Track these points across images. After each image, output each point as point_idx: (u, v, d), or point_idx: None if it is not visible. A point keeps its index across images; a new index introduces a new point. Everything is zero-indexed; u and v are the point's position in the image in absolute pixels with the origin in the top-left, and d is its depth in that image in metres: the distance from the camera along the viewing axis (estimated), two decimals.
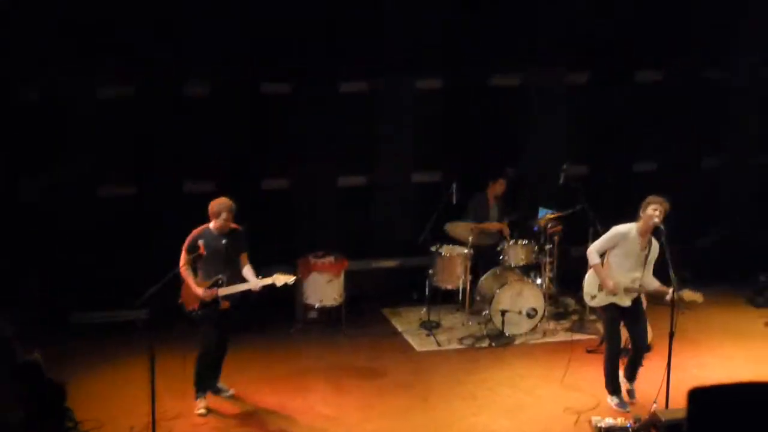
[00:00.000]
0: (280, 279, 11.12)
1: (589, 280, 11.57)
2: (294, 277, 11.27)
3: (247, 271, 11.23)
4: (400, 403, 11.75)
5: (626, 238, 11.28)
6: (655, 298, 11.61)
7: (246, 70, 14.32)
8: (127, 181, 14.32)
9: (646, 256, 11.36)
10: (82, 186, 14.06)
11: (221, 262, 11.12)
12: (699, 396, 6.86)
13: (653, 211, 11.17)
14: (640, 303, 11.68)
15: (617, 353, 11.67)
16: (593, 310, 12.34)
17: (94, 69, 13.66)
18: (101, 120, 13.95)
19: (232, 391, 11.61)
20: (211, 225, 11.13)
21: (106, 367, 12.56)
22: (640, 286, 11.39)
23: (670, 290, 10.95)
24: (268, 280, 11.11)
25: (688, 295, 11.15)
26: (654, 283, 11.41)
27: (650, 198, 11.29)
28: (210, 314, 11.11)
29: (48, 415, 10.33)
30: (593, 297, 11.54)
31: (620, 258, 11.34)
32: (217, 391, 11.55)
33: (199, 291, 11.02)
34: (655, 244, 11.36)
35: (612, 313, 11.48)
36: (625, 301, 11.45)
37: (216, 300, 11.06)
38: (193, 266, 11.12)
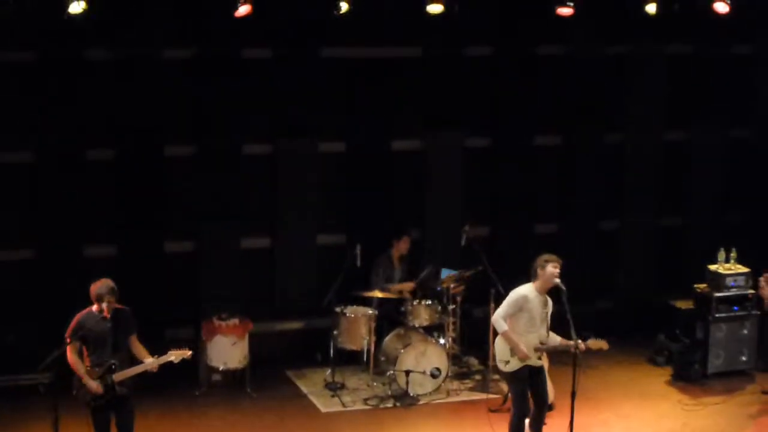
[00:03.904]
0: (177, 355, 10.83)
1: (500, 347, 11.57)
2: (190, 352, 10.98)
3: (141, 351, 10.85)
4: None
5: (528, 300, 11.41)
6: (561, 353, 11.77)
7: (149, 133, 14.29)
8: (25, 244, 14.12)
9: (547, 313, 11.52)
10: None
11: (109, 347, 10.67)
12: None
13: (554, 269, 11.36)
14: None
15: (525, 416, 11.70)
16: (498, 371, 12.31)
17: None
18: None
19: None
20: (94, 308, 10.68)
21: None
22: (542, 343, 11.50)
23: (576, 341, 11.18)
24: (164, 358, 10.78)
25: (593, 343, 11.38)
26: (557, 338, 11.59)
27: (546, 256, 11.48)
28: (105, 403, 10.68)
29: None
30: (507, 362, 11.51)
31: (525, 319, 11.43)
32: None
33: (93, 385, 10.54)
34: (549, 300, 11.56)
35: (522, 376, 11.50)
36: (537, 361, 11.55)
37: (112, 387, 10.64)
38: (79, 352, 10.68)
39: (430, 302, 14.08)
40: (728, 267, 14.54)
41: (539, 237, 15.69)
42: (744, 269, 14.53)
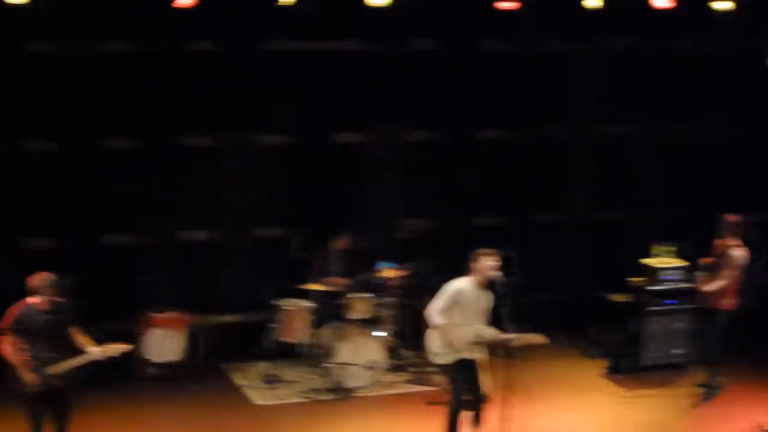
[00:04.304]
0: (115, 349, 10.68)
1: (433, 340, 11.51)
2: (130, 346, 10.93)
3: (85, 342, 10.70)
4: None
5: (463, 293, 11.31)
6: (497, 347, 11.79)
7: (89, 126, 14.27)
8: None
9: (484, 307, 11.51)
10: None
11: (47, 340, 10.52)
12: None
13: (489, 261, 11.31)
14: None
15: (461, 407, 11.66)
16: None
17: None
18: None
19: None
20: (32, 300, 10.56)
21: None
22: (479, 336, 11.49)
23: (513, 334, 11.18)
24: (106, 350, 10.64)
25: (530, 337, 11.36)
26: (493, 332, 11.48)
27: (482, 250, 11.41)
28: (41, 396, 10.57)
29: None
30: (440, 355, 11.46)
31: (460, 313, 11.34)
32: None
33: (28, 376, 10.41)
34: (489, 293, 11.48)
35: (457, 368, 11.46)
36: (472, 354, 11.50)
37: (48, 380, 10.50)
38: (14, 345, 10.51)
39: (367, 295, 14.15)
40: (663, 261, 14.69)
41: (480, 230, 15.76)
42: (678, 263, 14.66)
